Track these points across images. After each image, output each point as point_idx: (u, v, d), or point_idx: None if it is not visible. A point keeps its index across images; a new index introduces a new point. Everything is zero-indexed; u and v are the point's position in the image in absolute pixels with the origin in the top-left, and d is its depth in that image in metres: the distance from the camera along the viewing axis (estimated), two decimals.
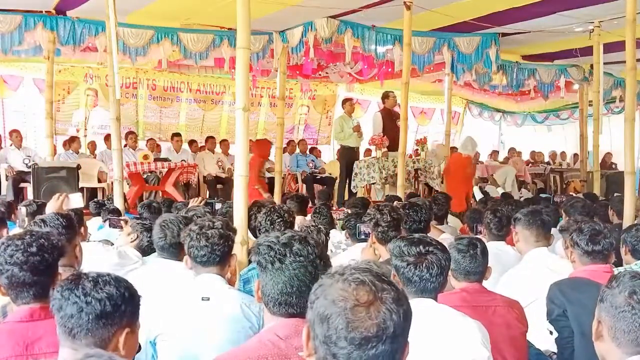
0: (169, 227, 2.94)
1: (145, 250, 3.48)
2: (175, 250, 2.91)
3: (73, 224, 2.71)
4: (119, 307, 1.57)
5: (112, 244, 3.85)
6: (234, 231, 2.61)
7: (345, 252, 3.95)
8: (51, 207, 3.38)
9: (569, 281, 2.77)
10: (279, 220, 3.43)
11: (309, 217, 4.96)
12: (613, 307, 1.49)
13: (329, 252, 3.91)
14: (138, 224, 3.62)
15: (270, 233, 1.88)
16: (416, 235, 2.23)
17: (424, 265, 2.06)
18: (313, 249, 1.80)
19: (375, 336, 1.10)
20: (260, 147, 8.66)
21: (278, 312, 1.75)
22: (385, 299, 1.12)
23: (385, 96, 8.70)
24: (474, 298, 2.50)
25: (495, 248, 3.83)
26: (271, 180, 8.77)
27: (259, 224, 3.52)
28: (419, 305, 2.03)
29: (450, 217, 5.63)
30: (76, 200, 4.16)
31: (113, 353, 1.52)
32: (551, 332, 2.72)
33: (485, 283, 2.66)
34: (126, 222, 3.77)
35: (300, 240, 1.79)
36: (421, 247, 2.10)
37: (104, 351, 1.34)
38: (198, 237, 2.44)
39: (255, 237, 3.69)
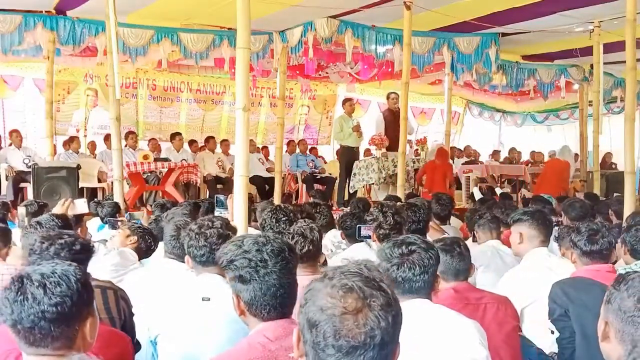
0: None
1: (141, 254, 3.51)
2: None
3: (69, 224, 2.71)
4: (77, 303, 1.49)
5: None
6: (234, 230, 2.61)
7: (345, 252, 3.95)
8: (57, 212, 3.39)
9: (571, 281, 2.76)
10: (284, 218, 3.42)
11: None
12: (622, 312, 1.46)
13: (328, 252, 3.91)
14: (138, 227, 3.63)
15: (227, 247, 1.84)
16: (400, 236, 2.24)
17: (405, 265, 2.06)
18: (282, 242, 1.81)
19: (363, 344, 1.10)
20: (445, 156, 9.05)
21: (273, 316, 1.74)
22: (374, 305, 1.12)
23: (387, 97, 8.74)
24: (465, 296, 2.50)
25: (492, 247, 3.84)
26: (271, 180, 8.78)
27: (263, 221, 3.51)
28: (414, 307, 2.04)
29: (451, 218, 5.61)
30: (81, 206, 4.20)
31: (82, 343, 1.52)
32: (552, 332, 2.71)
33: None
34: (123, 222, 3.77)
35: (266, 241, 1.79)
36: (404, 247, 2.10)
37: (87, 356, 1.34)
38: (197, 236, 2.44)
39: None
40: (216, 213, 4.61)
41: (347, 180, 8.56)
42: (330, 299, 1.12)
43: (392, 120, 8.32)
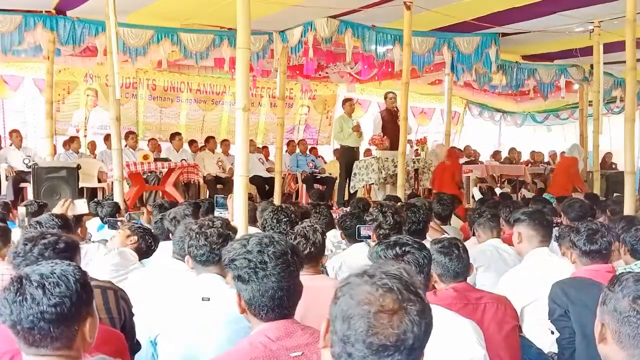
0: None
1: (142, 254, 3.51)
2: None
3: (68, 224, 2.71)
4: (76, 303, 1.48)
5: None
6: (234, 230, 2.61)
7: (345, 252, 3.95)
8: (56, 212, 3.39)
9: (571, 281, 2.75)
10: (285, 219, 3.41)
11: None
12: (617, 312, 1.47)
13: (328, 252, 3.91)
14: (139, 227, 3.63)
15: (232, 245, 1.83)
16: (392, 237, 2.24)
17: None
18: (286, 245, 1.79)
19: (393, 345, 1.10)
20: (454, 156, 9.14)
21: (272, 317, 1.73)
22: (410, 310, 1.12)
23: (384, 96, 8.74)
24: (464, 296, 2.49)
25: (492, 246, 3.84)
26: (271, 181, 8.78)
27: (264, 222, 3.50)
28: None
29: (452, 218, 5.61)
30: (81, 206, 4.21)
31: (81, 344, 1.52)
32: (552, 332, 2.71)
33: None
34: (123, 222, 3.77)
35: (270, 242, 1.77)
36: (397, 248, 2.10)
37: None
38: (197, 236, 2.44)
39: None
40: (216, 214, 4.61)
41: (347, 181, 8.56)
42: (369, 295, 1.12)
43: (390, 120, 8.32)
